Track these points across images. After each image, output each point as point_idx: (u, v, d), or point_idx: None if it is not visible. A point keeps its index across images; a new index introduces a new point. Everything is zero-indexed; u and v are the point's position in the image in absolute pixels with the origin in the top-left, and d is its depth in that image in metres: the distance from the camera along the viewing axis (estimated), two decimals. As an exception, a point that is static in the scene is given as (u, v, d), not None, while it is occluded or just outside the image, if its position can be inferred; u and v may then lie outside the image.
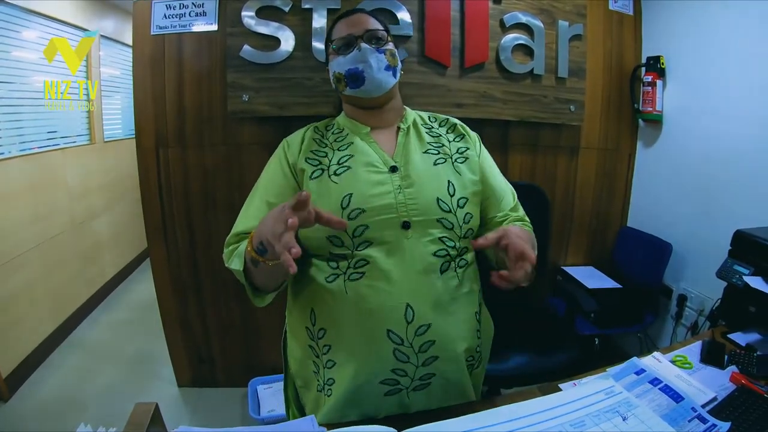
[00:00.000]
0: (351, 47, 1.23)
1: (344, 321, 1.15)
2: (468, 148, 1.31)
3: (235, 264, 1.13)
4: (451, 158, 1.27)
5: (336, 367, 1.17)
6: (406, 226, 1.14)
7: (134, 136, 2.45)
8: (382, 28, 1.28)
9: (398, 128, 1.31)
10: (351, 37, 1.24)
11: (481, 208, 1.31)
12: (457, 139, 1.33)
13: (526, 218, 1.40)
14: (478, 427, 1.04)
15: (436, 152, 1.27)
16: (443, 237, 1.17)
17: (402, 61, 1.33)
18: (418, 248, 1.14)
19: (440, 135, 1.32)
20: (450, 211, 1.18)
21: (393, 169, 1.20)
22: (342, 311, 1.14)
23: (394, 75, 1.26)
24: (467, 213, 1.21)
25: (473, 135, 1.38)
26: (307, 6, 2.27)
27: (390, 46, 1.26)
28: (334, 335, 1.17)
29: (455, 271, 1.19)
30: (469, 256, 1.25)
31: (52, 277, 3.27)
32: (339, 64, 1.25)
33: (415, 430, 1.02)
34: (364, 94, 1.24)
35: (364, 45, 1.22)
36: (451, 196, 1.19)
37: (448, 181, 1.21)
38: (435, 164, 1.24)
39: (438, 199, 1.17)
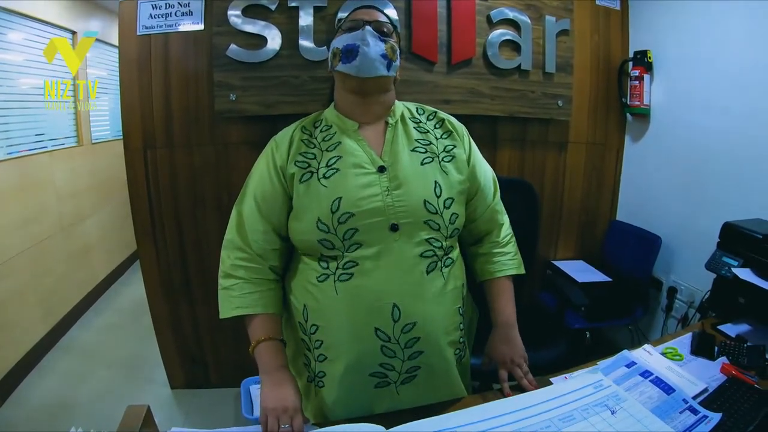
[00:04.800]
0: (357, 29, 1.24)
1: (334, 319, 1.19)
2: (455, 146, 1.32)
3: (236, 311, 1.25)
4: (438, 157, 1.27)
5: (327, 361, 1.23)
6: (394, 228, 1.16)
7: (122, 137, 2.44)
8: (390, 24, 1.30)
9: (386, 123, 1.30)
10: (360, 21, 1.25)
11: (469, 204, 1.35)
12: (444, 136, 1.33)
13: (505, 219, 1.45)
14: (467, 423, 1.05)
15: (424, 150, 1.27)
16: (430, 238, 1.20)
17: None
18: (405, 250, 1.17)
19: (428, 131, 1.32)
20: (437, 213, 1.20)
21: (381, 169, 1.21)
22: (332, 310, 1.19)
23: (389, 68, 1.24)
24: (453, 213, 1.23)
25: (461, 130, 1.37)
26: (293, 4, 2.26)
27: (392, 41, 1.26)
28: (325, 332, 1.21)
29: (441, 271, 1.22)
30: (455, 254, 1.29)
31: (41, 280, 3.24)
32: (340, 40, 1.24)
33: (403, 428, 1.03)
34: (354, 71, 1.21)
35: (368, 28, 1.23)
36: (438, 197, 1.21)
37: (435, 181, 1.22)
38: (422, 164, 1.24)
39: (425, 201, 1.19)
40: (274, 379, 1.20)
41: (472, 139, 1.38)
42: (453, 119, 1.39)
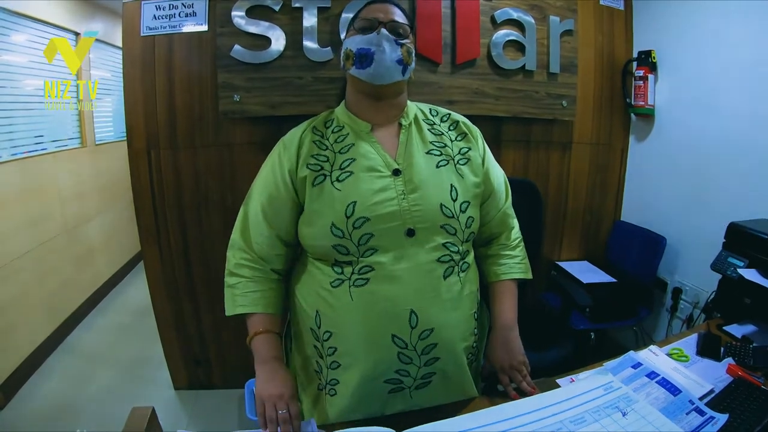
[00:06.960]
0: (372, 30, 1.20)
1: (349, 326, 1.16)
2: (470, 149, 1.30)
3: (239, 309, 1.28)
4: (454, 160, 1.26)
5: (341, 368, 1.19)
6: (410, 233, 1.14)
7: (125, 138, 2.44)
8: (407, 24, 1.25)
9: (399, 125, 1.28)
10: (375, 21, 1.21)
11: (481, 207, 1.33)
12: (459, 139, 1.32)
13: (515, 223, 1.44)
14: (478, 426, 1.05)
15: (439, 153, 1.25)
16: (447, 243, 1.18)
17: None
18: (422, 255, 1.15)
19: (442, 133, 1.31)
20: (453, 217, 1.18)
21: (396, 173, 1.19)
22: (347, 316, 1.16)
23: (404, 72, 1.22)
24: (469, 217, 1.22)
25: (475, 132, 1.36)
26: (297, 5, 2.26)
27: (408, 43, 1.23)
28: (339, 338, 1.18)
29: (458, 275, 1.20)
30: (470, 258, 1.28)
31: (45, 282, 3.25)
32: (353, 42, 1.21)
33: (414, 430, 1.02)
34: (368, 77, 1.19)
35: (384, 31, 1.19)
36: (454, 200, 1.19)
37: (451, 185, 1.21)
38: (438, 167, 1.22)
39: (441, 205, 1.17)
40: (269, 368, 1.23)
41: (485, 142, 1.37)
42: (467, 121, 1.38)
